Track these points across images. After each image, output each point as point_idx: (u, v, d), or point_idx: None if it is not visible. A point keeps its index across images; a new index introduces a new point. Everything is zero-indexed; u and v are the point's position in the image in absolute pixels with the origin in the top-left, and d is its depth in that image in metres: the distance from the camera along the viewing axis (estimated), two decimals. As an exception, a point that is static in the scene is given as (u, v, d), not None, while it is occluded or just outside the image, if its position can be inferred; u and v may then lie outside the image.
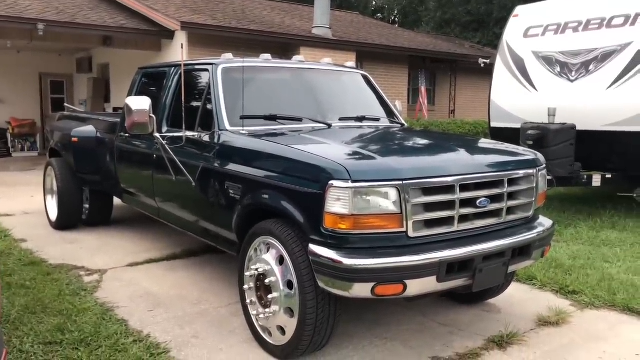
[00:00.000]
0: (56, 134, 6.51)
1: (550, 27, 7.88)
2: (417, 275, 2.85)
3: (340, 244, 2.84)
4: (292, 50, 11.97)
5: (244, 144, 3.67)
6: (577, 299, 4.30)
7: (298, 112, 4.14)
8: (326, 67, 4.77)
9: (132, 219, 6.71)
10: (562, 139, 6.84)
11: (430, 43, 17.44)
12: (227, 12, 13.48)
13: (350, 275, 2.78)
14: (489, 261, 3.12)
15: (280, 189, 3.16)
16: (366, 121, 4.45)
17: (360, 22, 18.23)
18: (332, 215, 2.82)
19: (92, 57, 15.16)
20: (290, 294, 3.09)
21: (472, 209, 3.12)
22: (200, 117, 4.12)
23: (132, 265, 5.04)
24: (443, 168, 3.06)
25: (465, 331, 3.71)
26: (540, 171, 3.56)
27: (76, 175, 6.02)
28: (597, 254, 5.46)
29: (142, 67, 5.46)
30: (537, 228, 3.50)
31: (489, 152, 3.59)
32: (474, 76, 17.64)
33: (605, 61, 7.08)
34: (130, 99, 3.96)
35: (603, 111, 7.00)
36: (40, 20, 9.94)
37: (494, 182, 3.24)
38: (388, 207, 2.85)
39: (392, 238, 2.88)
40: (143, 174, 4.89)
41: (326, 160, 2.95)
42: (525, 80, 7.95)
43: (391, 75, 14.87)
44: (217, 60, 4.24)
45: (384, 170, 2.91)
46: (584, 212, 7.46)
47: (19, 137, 14.77)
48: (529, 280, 4.67)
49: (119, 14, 12.05)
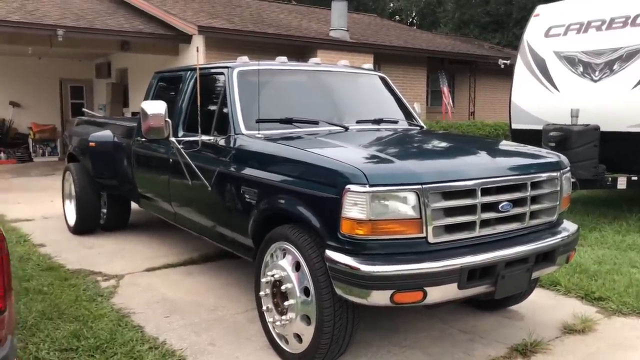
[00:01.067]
0: (74, 138, 6.54)
1: (572, 26, 7.71)
2: (438, 282, 2.76)
3: (358, 250, 2.77)
4: (309, 53, 11.92)
5: (259, 148, 3.61)
6: (603, 306, 4.16)
7: (314, 115, 4.08)
8: (343, 70, 4.70)
9: (150, 223, 6.70)
10: (586, 141, 6.67)
11: (449, 44, 17.28)
12: (244, 15, 13.49)
13: (368, 282, 2.71)
14: (512, 267, 3.02)
15: (297, 194, 3.10)
16: (384, 124, 4.37)
17: (378, 24, 18.13)
18: (349, 221, 2.75)
19: (110, 63, 15.31)
20: (307, 301, 3.02)
21: (494, 213, 3.03)
22: (216, 121, 4.08)
23: (149, 270, 5.02)
24: (463, 171, 2.97)
25: (487, 339, 3.61)
26: (564, 174, 3.45)
27: (94, 180, 6.03)
28: (624, 258, 5.30)
29: (158, 71, 5.45)
30: (562, 233, 3.39)
31: (511, 154, 3.49)
32: (494, 77, 17.42)
33: (630, 60, 6.90)
34: (145, 103, 3.94)
35: (628, 112, 6.81)
36: (60, 26, 10.03)
37: (517, 185, 3.14)
38: (407, 212, 2.77)
39: (412, 244, 2.80)
40: (159, 179, 4.87)
41: (343, 164, 2.88)
42: (546, 81, 7.79)
43: (409, 77, 14.74)
44: (232, 63, 4.20)
45: (402, 174, 2.83)
46: (609, 215, 7.28)
47: (40, 142, 14.97)
48: (552, 286, 4.54)
49: (137, 19, 12.13)
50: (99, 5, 12.82)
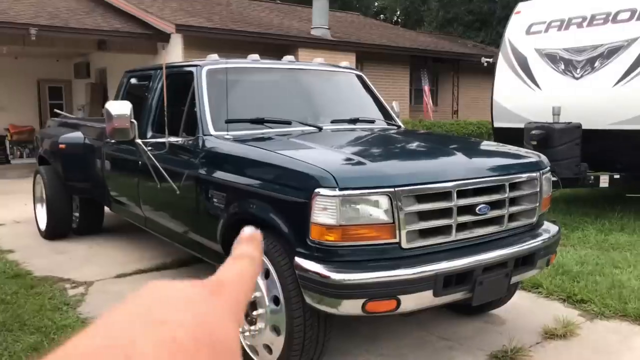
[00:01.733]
0: (45, 141, 6.32)
1: (553, 23, 7.64)
2: (412, 289, 2.63)
3: (328, 257, 2.63)
4: (290, 51, 11.75)
5: (227, 150, 3.46)
6: (585, 309, 4.06)
7: (287, 115, 3.94)
8: (317, 67, 4.55)
9: (124, 227, 6.49)
10: (568, 139, 6.60)
11: (432, 42, 17.21)
12: (224, 14, 13.30)
13: (338, 291, 2.57)
14: (490, 272, 2.90)
15: (265, 198, 2.95)
16: (360, 123, 4.23)
17: (361, 23, 18.02)
18: (319, 226, 2.61)
19: (89, 62, 15.02)
20: (276, 310, 2.88)
21: (470, 216, 2.91)
22: (184, 121, 3.92)
23: (120, 276, 4.83)
24: (438, 173, 2.84)
25: (466, 345, 3.49)
26: (544, 174, 3.34)
27: (65, 183, 5.83)
28: (606, 258, 5.22)
29: (129, 70, 5.27)
30: (542, 235, 3.28)
31: (489, 154, 3.37)
32: (477, 76, 17.38)
33: (611, 57, 6.84)
34: (110, 103, 3.77)
35: (610, 109, 6.75)
36: (32, 25, 9.78)
37: (494, 187, 3.02)
38: (379, 217, 2.63)
39: (384, 250, 2.67)
40: (129, 182, 4.70)
41: (311, 167, 2.74)
42: (528, 79, 7.71)
43: (392, 76, 14.64)
44: (201, 61, 4.04)
45: (374, 176, 2.70)
46: (591, 214, 7.21)
47: (18, 144, 14.61)
48: (534, 288, 4.44)
49: (114, 18, 11.89)
50: (75, 4, 12.54)
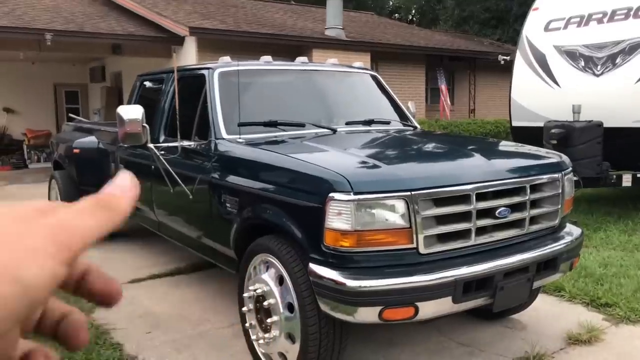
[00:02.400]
0: (60, 145, 6.33)
1: (572, 19, 7.48)
2: (430, 296, 2.54)
3: (343, 263, 2.55)
4: (304, 52, 11.71)
5: (240, 154, 3.40)
6: (610, 313, 3.93)
7: (301, 117, 3.86)
8: (331, 68, 4.47)
9: (137, 232, 6.47)
10: (589, 137, 6.45)
11: (448, 41, 17.03)
12: (238, 16, 13.28)
13: (354, 299, 2.49)
14: (511, 277, 2.80)
15: (279, 203, 2.88)
16: (375, 125, 4.14)
17: (375, 22, 17.90)
18: (333, 232, 2.53)
19: (104, 66, 15.11)
20: (290, 318, 2.80)
21: (490, 220, 2.81)
22: (196, 125, 3.87)
23: (135, 281, 4.80)
24: (457, 175, 2.75)
25: (487, 352, 3.38)
26: (566, 175, 3.22)
27: (79, 188, 5.82)
28: (631, 260, 5.06)
29: (141, 74, 5.25)
30: (565, 238, 3.16)
31: (508, 155, 3.26)
32: (494, 74, 17.18)
33: (633, 53, 6.66)
34: (122, 108, 3.73)
35: (632, 106, 6.58)
36: (48, 30, 9.84)
37: (515, 189, 2.92)
38: (395, 221, 2.55)
39: (401, 255, 2.58)
40: (143, 187, 4.65)
41: (325, 170, 2.66)
42: (547, 76, 7.56)
43: (408, 75, 14.51)
44: (213, 64, 3.99)
45: (389, 179, 2.61)
46: (614, 214, 7.03)
47: (35, 148, 14.76)
48: (556, 292, 4.31)
49: (128, 22, 11.93)
50: (89, 9, 12.62)
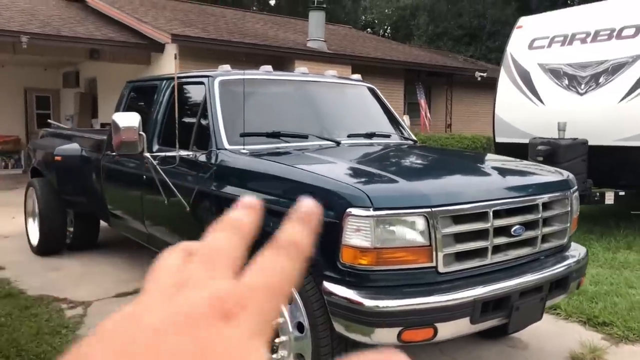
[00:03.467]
0: (38, 152, 6.08)
1: (556, 38, 7.60)
2: (450, 317, 2.47)
3: (360, 281, 2.46)
4: (286, 63, 11.63)
5: (245, 165, 3.28)
6: (608, 332, 3.92)
7: (302, 128, 3.78)
8: (331, 80, 4.40)
9: (120, 243, 6.26)
10: (574, 155, 6.52)
11: (426, 56, 17.19)
12: (219, 24, 13.14)
13: (372, 319, 2.40)
14: (526, 297, 2.75)
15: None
16: (376, 138, 4.08)
17: (354, 36, 17.97)
18: (351, 249, 2.44)
19: (79, 72, 14.73)
20: (300, 338, 2.69)
21: (506, 238, 2.76)
22: (195, 134, 3.74)
23: (120, 295, 4.60)
24: (475, 193, 2.69)
25: (493, 372, 3.33)
26: (573, 193, 3.21)
27: (60, 197, 5.59)
28: (619, 278, 5.10)
29: (131, 80, 5.07)
30: (573, 257, 3.14)
31: (521, 173, 3.23)
32: (470, 90, 17.38)
33: (616, 73, 6.79)
34: (117, 115, 3.57)
35: (615, 125, 6.69)
36: (23, 32, 9.52)
37: (529, 207, 2.88)
38: (415, 239, 2.47)
39: (420, 274, 2.51)
40: (132, 197, 4.49)
41: (342, 185, 2.57)
42: (531, 94, 7.64)
43: (387, 89, 14.53)
44: (213, 72, 3.87)
45: (410, 195, 2.54)
46: (596, 231, 7.11)
47: (3, 154, 14.25)
48: (552, 310, 4.29)
49: (107, 27, 11.66)
50: (67, 12, 12.31)
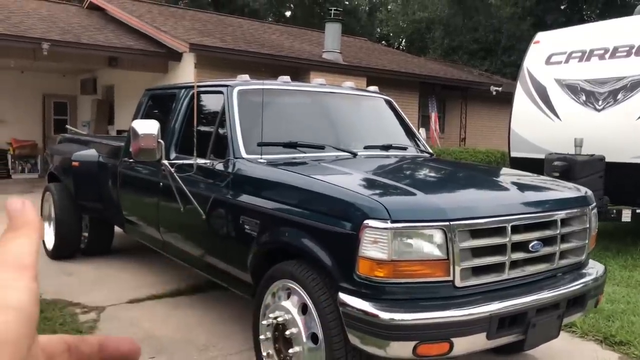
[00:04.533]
0: (56, 157, 6.15)
1: (574, 54, 7.57)
2: (466, 332, 2.45)
3: (377, 294, 2.45)
4: (302, 74, 11.70)
5: (262, 174, 3.29)
6: (625, 351, 3.87)
7: (319, 139, 3.79)
8: (349, 92, 4.42)
9: (134, 249, 6.30)
10: (591, 171, 6.47)
11: (441, 70, 17.21)
12: (236, 34, 13.26)
13: (387, 332, 2.39)
14: (543, 314, 2.72)
15: (305, 227, 2.78)
16: (393, 150, 4.08)
17: (370, 48, 18.04)
18: (368, 261, 2.44)
19: (96, 79, 14.92)
20: (314, 349, 2.68)
21: (524, 253, 2.74)
22: (212, 143, 3.76)
23: (133, 302, 4.62)
24: (493, 207, 2.68)
25: (507, 389, 3.29)
26: (592, 210, 3.18)
27: (76, 202, 5.64)
28: (637, 296, 5.03)
29: (150, 88, 5.13)
30: (591, 274, 3.11)
31: (539, 188, 3.21)
32: (484, 104, 17.35)
33: (634, 90, 6.74)
34: (136, 122, 3.61)
35: (632, 142, 6.64)
36: (45, 39, 9.67)
37: (547, 222, 2.86)
38: (433, 252, 2.46)
39: (437, 288, 2.49)
40: (147, 204, 4.52)
41: (360, 196, 2.57)
42: (547, 109, 7.61)
43: (402, 101, 14.50)
44: (232, 82, 3.90)
45: (427, 208, 2.53)
46: (612, 248, 7.03)
47: (20, 159, 14.44)
48: (567, 327, 4.24)
49: (126, 35, 11.82)
50: (87, 21, 12.50)
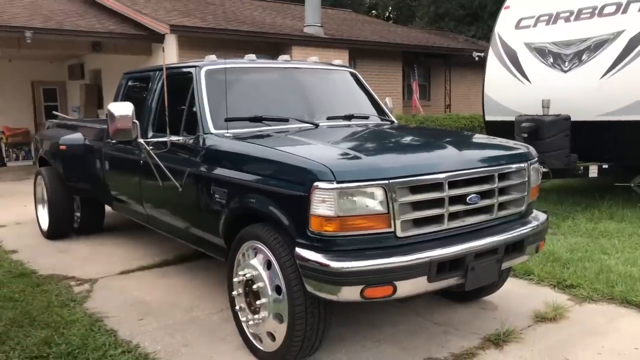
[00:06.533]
0: (45, 142, 6.43)
1: (541, 17, 7.81)
2: (407, 276, 2.78)
3: (327, 246, 2.77)
4: (283, 50, 11.88)
5: (228, 147, 3.59)
6: (575, 293, 4.23)
7: (284, 113, 4.07)
8: (313, 66, 4.68)
9: (125, 225, 6.63)
10: (557, 130, 6.77)
11: (424, 38, 17.35)
12: (218, 13, 13.39)
13: (338, 279, 2.71)
14: (481, 259, 3.05)
15: (266, 192, 3.09)
16: (354, 120, 4.37)
17: (353, 20, 18.14)
18: (318, 218, 2.75)
19: (83, 64, 15.08)
20: (278, 299, 3.02)
21: (462, 205, 3.05)
22: (184, 121, 4.05)
23: (124, 273, 4.97)
24: (430, 165, 2.98)
25: (461, 330, 3.64)
26: (532, 164, 3.49)
27: (66, 184, 5.94)
28: (595, 245, 5.39)
29: (127, 71, 5.38)
30: (531, 223, 3.43)
31: (478, 146, 3.52)
32: (469, 70, 17.55)
33: (598, 50, 7.01)
34: (112, 105, 3.89)
35: (597, 101, 6.93)
36: (28, 27, 9.85)
37: (484, 177, 3.17)
38: (375, 208, 2.77)
39: (380, 239, 2.81)
40: (131, 181, 4.82)
41: (310, 162, 2.87)
42: (518, 72, 7.87)
43: (385, 72, 14.77)
44: (200, 62, 4.16)
45: (369, 169, 2.84)
46: (582, 203, 7.39)
47: (13, 146, 14.68)
48: (526, 275, 4.60)
49: (108, 20, 11.96)
50: (69, 6, 12.61)
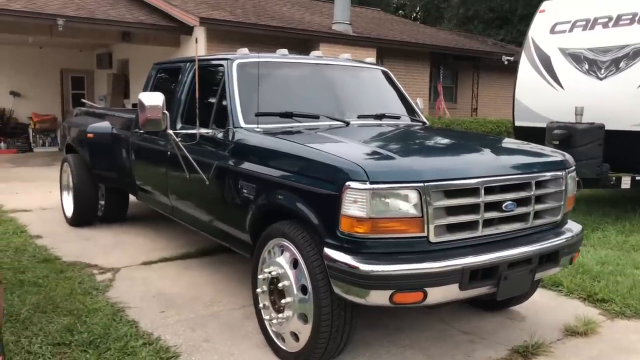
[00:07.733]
0: (72, 129, 6.46)
1: (578, 22, 7.61)
2: (439, 282, 2.70)
3: (357, 248, 2.70)
4: (311, 46, 11.82)
5: (258, 142, 3.54)
6: (606, 308, 4.09)
7: (315, 109, 4.01)
8: (345, 63, 4.61)
9: (148, 215, 6.64)
10: (590, 139, 6.59)
11: (453, 40, 17.14)
12: (247, 7, 13.38)
13: (367, 282, 2.64)
14: (515, 268, 2.95)
15: (295, 190, 3.03)
16: (386, 119, 4.29)
17: (381, 19, 18.01)
18: (349, 218, 2.68)
19: (112, 53, 15.21)
20: (304, 299, 2.96)
21: (497, 212, 2.96)
22: (214, 113, 4.01)
23: (146, 263, 4.96)
24: (467, 169, 2.89)
25: (488, 340, 3.54)
26: (569, 173, 3.38)
27: (92, 172, 5.96)
28: (627, 259, 5.23)
29: (158, 62, 5.37)
30: (566, 233, 3.32)
31: (516, 152, 3.41)
32: (497, 74, 17.31)
33: (636, 58, 6.81)
34: (143, 94, 3.86)
35: (633, 110, 6.73)
36: (60, 15, 9.94)
37: (521, 184, 3.07)
38: (408, 211, 2.70)
39: (412, 243, 2.73)
40: (157, 172, 4.81)
41: (343, 160, 2.81)
42: (551, 78, 7.69)
43: (412, 72, 14.63)
44: (232, 55, 4.12)
45: (404, 171, 2.76)
46: (612, 215, 7.20)
47: (40, 132, 14.89)
48: (554, 287, 4.48)
49: (139, 10, 12.03)
50: (100, -5, 12.71)
